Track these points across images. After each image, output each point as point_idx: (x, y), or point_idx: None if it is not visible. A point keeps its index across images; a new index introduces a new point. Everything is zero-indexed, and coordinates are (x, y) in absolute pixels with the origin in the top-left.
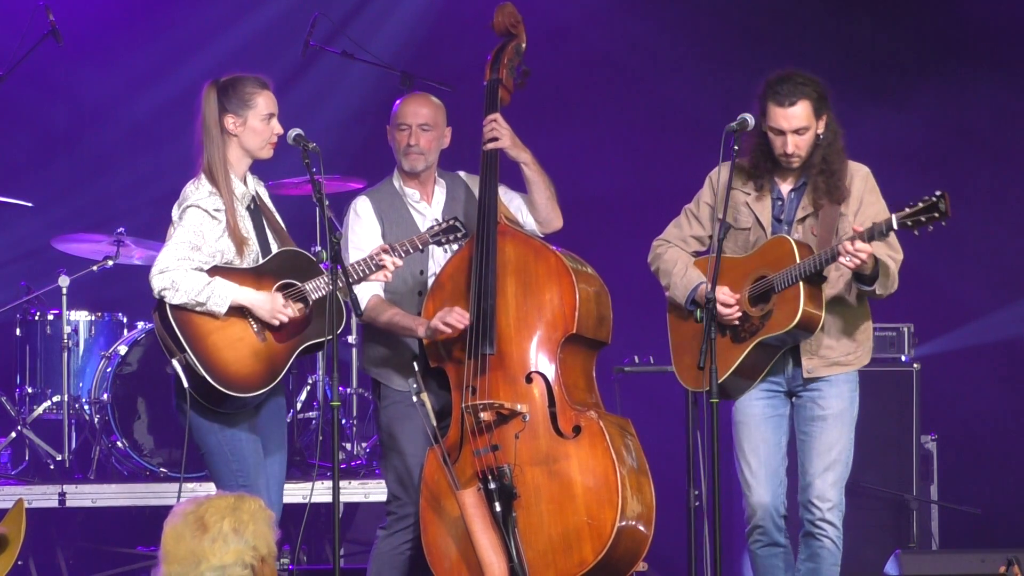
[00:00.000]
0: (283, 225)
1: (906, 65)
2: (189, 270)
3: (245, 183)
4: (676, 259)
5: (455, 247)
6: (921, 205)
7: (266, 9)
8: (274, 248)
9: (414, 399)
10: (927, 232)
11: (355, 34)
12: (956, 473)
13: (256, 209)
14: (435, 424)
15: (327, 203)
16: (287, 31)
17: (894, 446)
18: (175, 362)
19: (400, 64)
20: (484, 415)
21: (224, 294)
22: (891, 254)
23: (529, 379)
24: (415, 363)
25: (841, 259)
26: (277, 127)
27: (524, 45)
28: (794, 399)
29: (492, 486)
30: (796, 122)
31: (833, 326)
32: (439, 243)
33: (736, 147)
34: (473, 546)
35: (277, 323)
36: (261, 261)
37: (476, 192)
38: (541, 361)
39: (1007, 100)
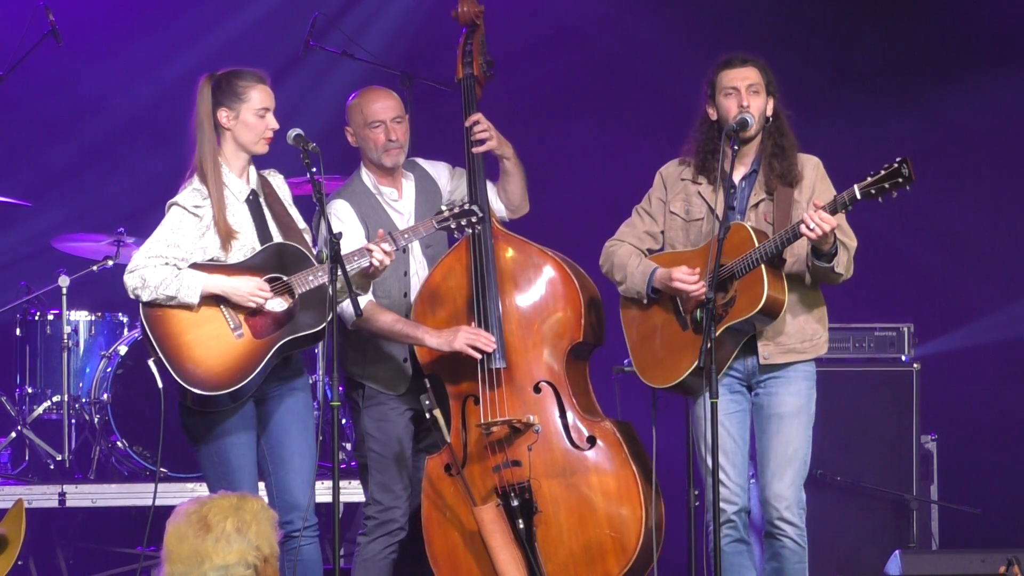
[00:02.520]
0: (296, 220)
1: (913, 68)
2: (158, 266)
3: (247, 178)
4: (629, 253)
5: (467, 232)
6: (884, 172)
7: (262, 5)
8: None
9: (427, 416)
10: (891, 199)
11: (349, 33)
12: (956, 473)
13: (257, 203)
14: (449, 440)
15: (328, 203)
16: (282, 28)
17: (894, 446)
18: (150, 363)
19: (389, 62)
20: (495, 429)
21: (193, 284)
22: (845, 240)
23: (538, 389)
24: (427, 380)
25: (803, 229)
26: (272, 122)
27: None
28: (753, 395)
29: (515, 504)
30: (749, 79)
31: (788, 313)
32: (448, 229)
33: (736, 147)
34: (493, 562)
35: (254, 305)
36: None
37: (436, 177)
38: (548, 370)
39: (1010, 100)
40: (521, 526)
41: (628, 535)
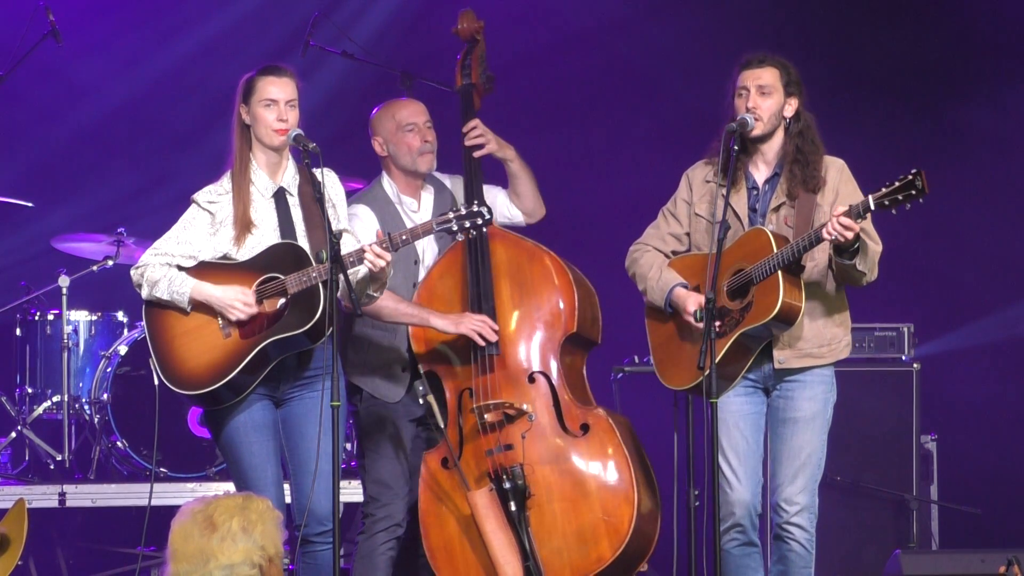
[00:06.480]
0: (332, 220)
1: (915, 70)
2: (160, 265)
3: (280, 174)
4: (651, 263)
5: (472, 234)
6: (898, 184)
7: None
8: (302, 241)
9: (420, 401)
10: (905, 211)
11: (342, 29)
12: (956, 473)
13: (283, 200)
14: (444, 427)
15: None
16: (278, 22)
17: (894, 446)
18: (151, 362)
19: (382, 61)
20: (488, 416)
21: (184, 290)
22: (869, 241)
23: (532, 379)
24: (420, 367)
25: (825, 233)
26: (283, 113)
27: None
28: (769, 397)
29: (507, 486)
30: (760, 80)
31: (806, 318)
32: (450, 232)
33: (736, 147)
34: (486, 547)
35: (232, 317)
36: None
37: (453, 190)
38: (543, 361)
39: (1012, 101)
40: (513, 508)
41: (621, 519)
